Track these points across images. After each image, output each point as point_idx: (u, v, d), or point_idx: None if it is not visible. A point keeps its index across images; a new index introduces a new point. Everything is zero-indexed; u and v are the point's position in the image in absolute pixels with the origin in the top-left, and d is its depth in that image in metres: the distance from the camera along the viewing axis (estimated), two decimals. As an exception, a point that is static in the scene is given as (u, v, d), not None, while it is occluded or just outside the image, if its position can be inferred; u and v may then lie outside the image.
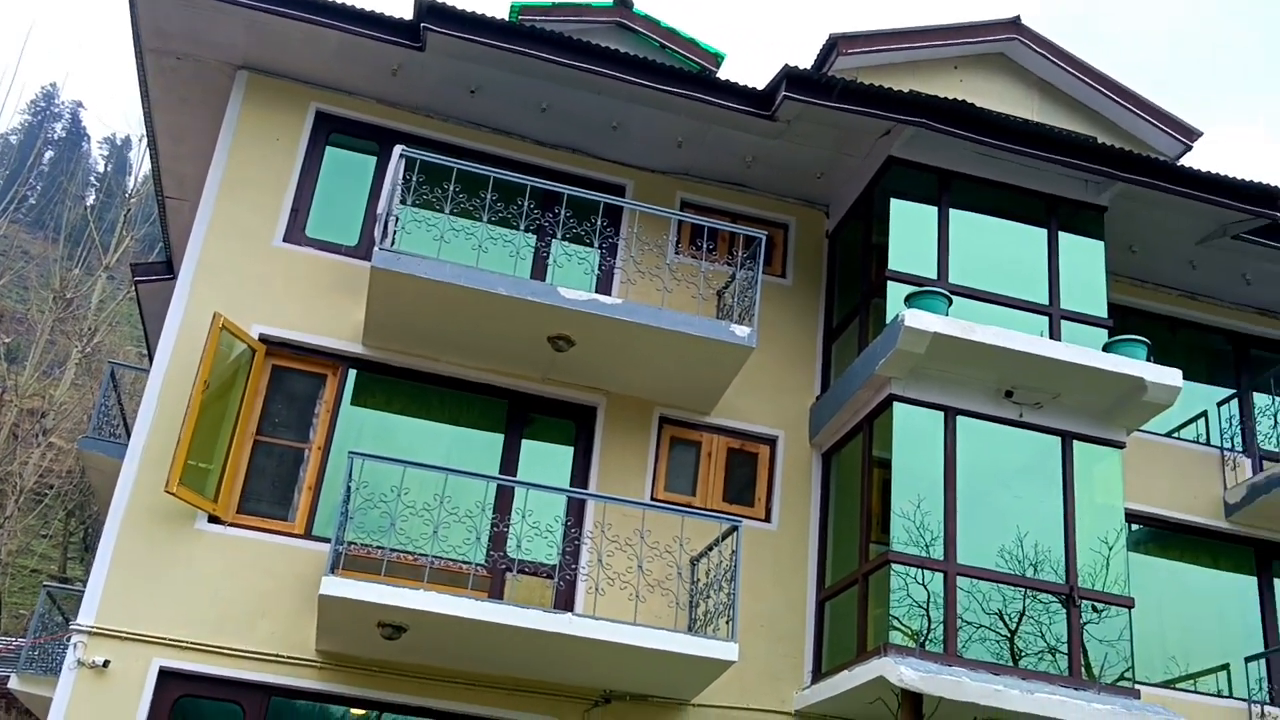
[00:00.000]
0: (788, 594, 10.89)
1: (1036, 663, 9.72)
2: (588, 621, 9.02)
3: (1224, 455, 12.56)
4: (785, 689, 10.53)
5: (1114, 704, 9.38)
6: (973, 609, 9.80)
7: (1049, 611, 9.96)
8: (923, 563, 9.80)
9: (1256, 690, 11.68)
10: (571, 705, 10.00)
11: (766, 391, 11.56)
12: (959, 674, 9.20)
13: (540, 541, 9.97)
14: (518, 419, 11.01)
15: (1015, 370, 10.29)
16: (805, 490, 11.36)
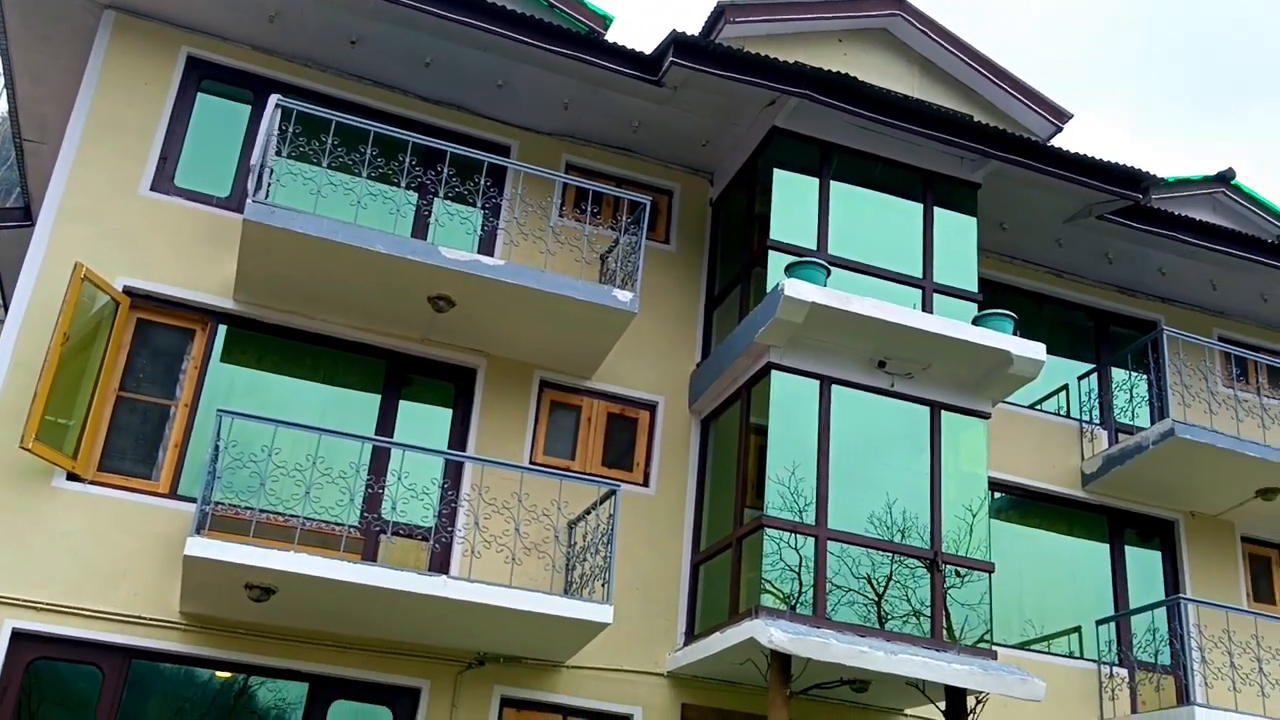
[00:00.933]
0: (663, 557, 11.00)
1: (901, 625, 10.01)
2: (463, 584, 8.96)
3: (1082, 427, 13.09)
4: (658, 650, 10.65)
5: (972, 664, 9.73)
6: (842, 573, 10.03)
7: (914, 576, 10.25)
8: (795, 527, 9.98)
9: (1106, 652, 12.25)
10: (445, 667, 9.95)
11: (648, 357, 11.61)
12: (826, 636, 9.42)
13: (416, 504, 9.86)
14: (395, 380, 10.84)
15: (889, 341, 10.52)
16: (683, 456, 11.46)
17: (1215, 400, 12.96)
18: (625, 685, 10.42)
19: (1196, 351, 13.18)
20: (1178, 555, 12.93)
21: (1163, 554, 13.04)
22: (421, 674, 9.89)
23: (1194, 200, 14.72)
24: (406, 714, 9.85)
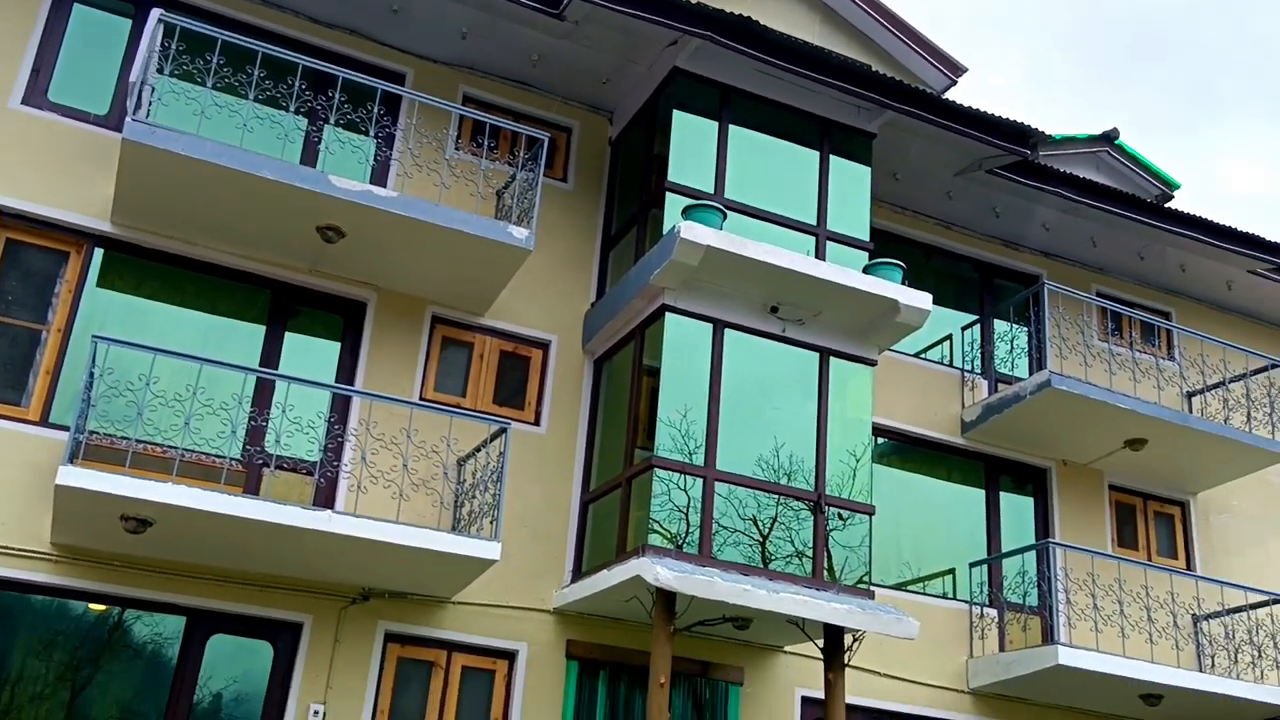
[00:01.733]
0: (553, 496, 11.02)
1: (784, 565, 10.22)
2: (348, 519, 8.85)
3: (964, 376, 13.45)
4: (545, 588, 10.70)
5: (850, 604, 10.00)
6: (729, 514, 10.18)
7: (798, 518, 10.45)
8: (684, 468, 10.08)
9: (978, 593, 12.71)
10: (328, 603, 9.85)
11: (542, 296, 11.53)
12: (711, 574, 9.57)
13: (301, 438, 9.68)
14: (281, 310, 10.57)
15: (782, 286, 10.63)
16: (576, 395, 11.46)
17: (1091, 353, 13.42)
18: (511, 621, 10.46)
19: (1075, 306, 13.61)
20: (1049, 501, 13.43)
21: (1035, 500, 13.54)
22: (304, 609, 9.77)
23: (1079, 158, 15.15)
24: (288, 649, 9.74)
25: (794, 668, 11.35)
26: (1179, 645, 12.58)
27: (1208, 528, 14.09)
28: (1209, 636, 13.01)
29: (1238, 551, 14.05)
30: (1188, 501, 14.13)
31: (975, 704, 12.14)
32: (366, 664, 9.86)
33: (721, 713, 10.93)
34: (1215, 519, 14.17)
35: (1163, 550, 13.87)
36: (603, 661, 10.67)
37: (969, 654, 12.28)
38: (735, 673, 11.12)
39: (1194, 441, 12.98)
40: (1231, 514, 14.26)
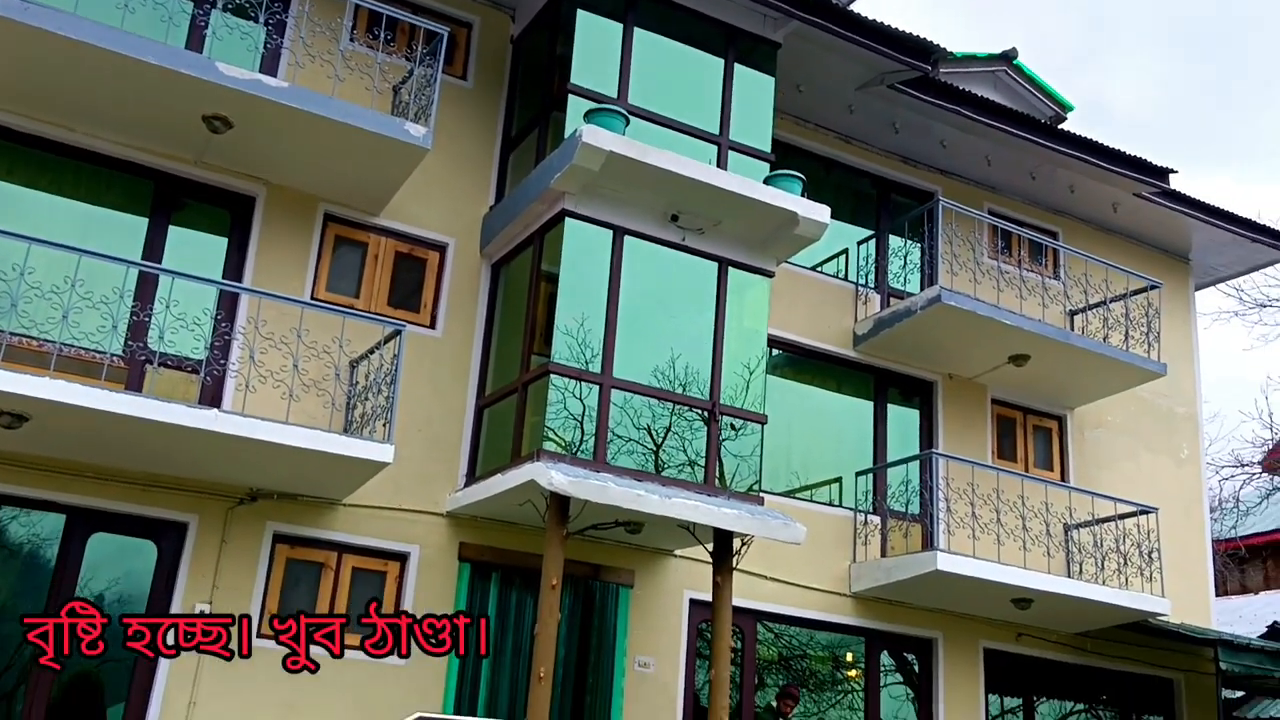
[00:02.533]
0: (447, 400, 10.95)
1: (677, 473, 10.34)
2: (235, 418, 8.68)
3: (858, 290, 13.66)
4: (438, 491, 10.69)
5: (740, 509, 10.20)
6: (624, 423, 10.23)
7: (691, 428, 10.56)
8: (581, 375, 10.08)
9: (863, 501, 13.08)
10: (215, 502, 9.70)
11: (439, 197, 11.31)
12: (605, 479, 9.66)
13: (186, 334, 9.40)
14: (165, 203, 10.19)
15: (683, 195, 10.58)
16: (472, 299, 11.33)
17: (980, 271, 13.71)
18: (403, 524, 10.44)
19: (967, 223, 13.86)
20: (934, 414, 13.82)
21: (920, 412, 13.91)
22: (189, 508, 9.61)
23: (978, 77, 15.30)
24: (172, 549, 9.59)
25: (683, 571, 11.58)
26: (1050, 553, 13.16)
27: (1083, 441, 14.68)
28: (1078, 544, 13.62)
29: (1109, 464, 14.67)
30: (1065, 416, 14.68)
31: (856, 607, 12.56)
32: (254, 565, 9.76)
33: (612, 614, 11.13)
34: (1090, 433, 14.75)
35: (1039, 462, 14.42)
36: (495, 564, 10.74)
37: (852, 559, 12.67)
38: (626, 575, 11.30)
39: (1074, 358, 13.44)
40: (1105, 429, 14.86)
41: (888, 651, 12.98)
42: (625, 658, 11.07)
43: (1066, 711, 14.23)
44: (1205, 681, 14.14)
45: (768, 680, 12.22)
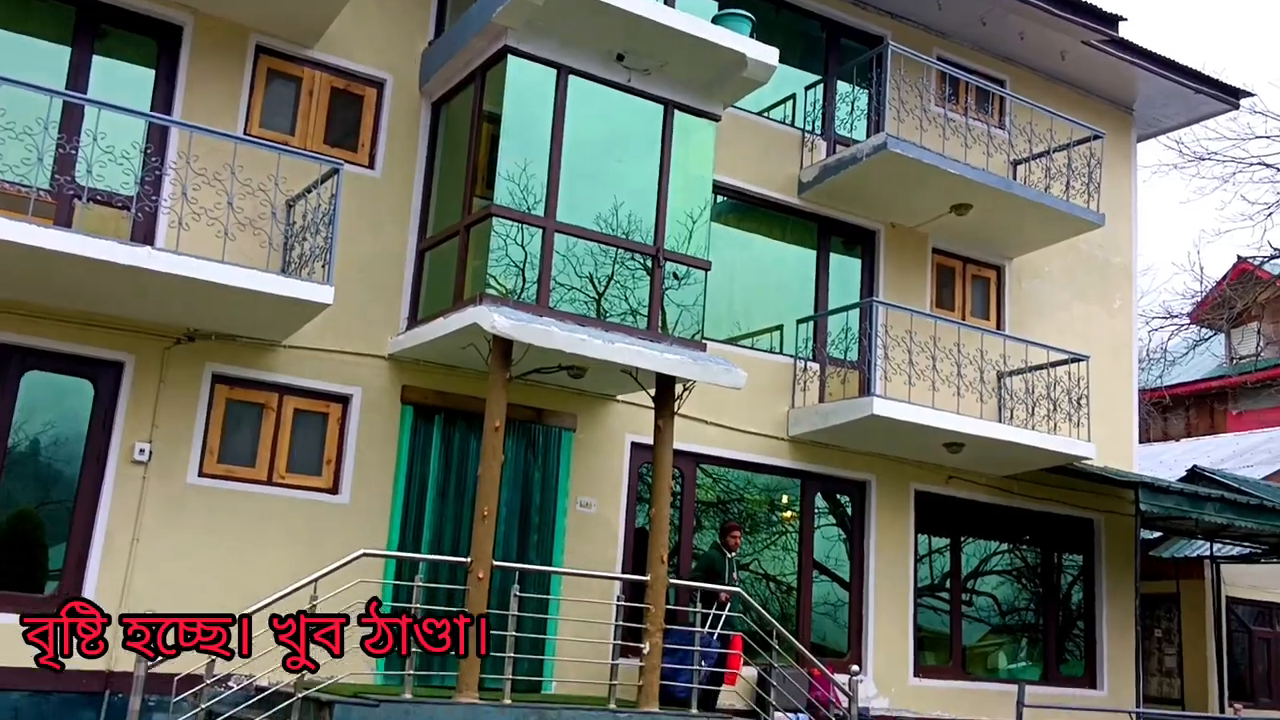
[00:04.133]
0: (388, 242, 10.78)
1: (621, 320, 10.35)
2: (170, 256, 8.49)
3: (804, 136, 13.53)
4: (380, 334, 10.62)
5: (682, 354, 10.27)
6: (567, 271, 10.16)
7: (635, 277, 10.52)
8: (524, 218, 9.94)
9: (803, 348, 13.24)
10: (153, 342, 9.57)
11: (377, 30, 10.91)
12: (548, 323, 9.64)
13: (115, 169, 9.08)
14: (88, 30, 9.71)
15: (629, 33, 10.28)
16: (412, 139, 11.06)
17: (927, 118, 13.61)
18: (345, 366, 10.40)
19: (915, 69, 13.69)
20: (875, 262, 13.90)
21: (862, 261, 13.98)
22: (125, 348, 9.47)
23: (932, -82, 14.86)
24: (109, 388, 9.48)
25: (625, 415, 11.72)
26: (983, 398, 13.48)
27: (1019, 291, 14.89)
28: (1011, 391, 13.96)
29: (1044, 314, 14.94)
30: (1004, 266, 14.85)
31: (794, 450, 12.84)
32: (193, 405, 9.71)
33: (554, 456, 11.27)
34: (1027, 283, 14.96)
35: (977, 311, 14.63)
36: (438, 407, 10.77)
37: (791, 405, 12.88)
38: (568, 419, 11.41)
39: (1015, 208, 13.52)
40: (1042, 279, 15.08)
41: (822, 494, 13.34)
42: (568, 498, 11.27)
43: (991, 551, 14.82)
44: (1124, 522, 14.75)
45: (706, 523, 12.53)
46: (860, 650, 12.89)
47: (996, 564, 14.90)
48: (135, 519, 9.34)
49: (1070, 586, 15.18)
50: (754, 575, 12.82)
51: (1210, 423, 27.59)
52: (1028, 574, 15.07)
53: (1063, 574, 15.16)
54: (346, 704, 8.15)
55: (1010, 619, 14.83)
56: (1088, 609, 15.01)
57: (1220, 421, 27.33)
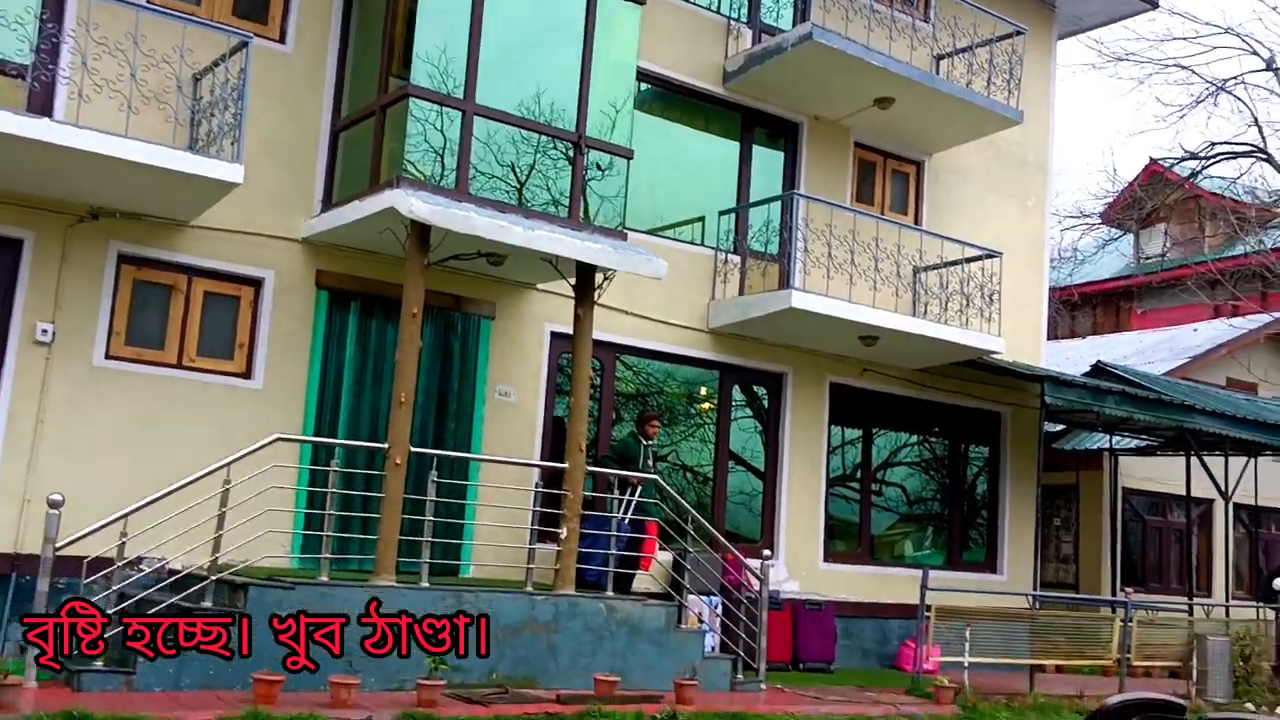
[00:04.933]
0: (301, 120, 10.45)
1: (542, 209, 10.20)
2: (69, 129, 8.14)
3: (730, 24, 13.32)
4: (293, 216, 10.35)
5: (604, 243, 10.20)
6: (488, 158, 9.96)
7: (556, 167, 10.36)
8: (442, 100, 9.68)
9: (724, 240, 13.23)
10: (54, 219, 9.22)
11: (286, -104, 10.40)
12: (467, 209, 9.48)
13: (9, 34, 8.59)
14: (-27, -115, 9.09)
15: (552, -92, 9.96)
16: (325, 12, 10.66)
17: (853, 8, 13.47)
18: (257, 248, 10.14)
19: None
20: (797, 155, 13.87)
21: (785, 154, 13.94)
22: (24, 224, 9.12)
23: None
24: (8, 266, 9.13)
25: (545, 304, 11.66)
26: (899, 293, 13.65)
27: (938, 187, 15.01)
28: (925, 286, 14.16)
29: (961, 210, 15.10)
30: (924, 161, 14.92)
31: (714, 342, 12.92)
32: (98, 285, 9.42)
33: (472, 344, 11.20)
34: (945, 179, 15.08)
35: (896, 206, 14.74)
36: (354, 292, 10.60)
37: (711, 297, 12.93)
38: (487, 307, 11.32)
39: (937, 103, 13.54)
40: (960, 175, 15.20)
41: (740, 385, 13.49)
42: (486, 386, 11.24)
43: (902, 443, 15.19)
44: (1030, 415, 15.20)
45: (626, 415, 12.61)
46: (773, 537, 13.21)
47: (906, 455, 15.30)
48: (39, 400, 9.11)
49: (976, 477, 15.66)
50: (672, 466, 12.99)
51: (1116, 321, 28.41)
52: (936, 465, 15.51)
53: (969, 465, 15.63)
54: (261, 587, 8.14)
55: (917, 508, 15.29)
56: (991, 499, 15.52)
57: (1125, 320, 28.15)
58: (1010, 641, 12.12)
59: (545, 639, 9.29)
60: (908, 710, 10.25)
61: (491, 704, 8.14)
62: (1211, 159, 22.42)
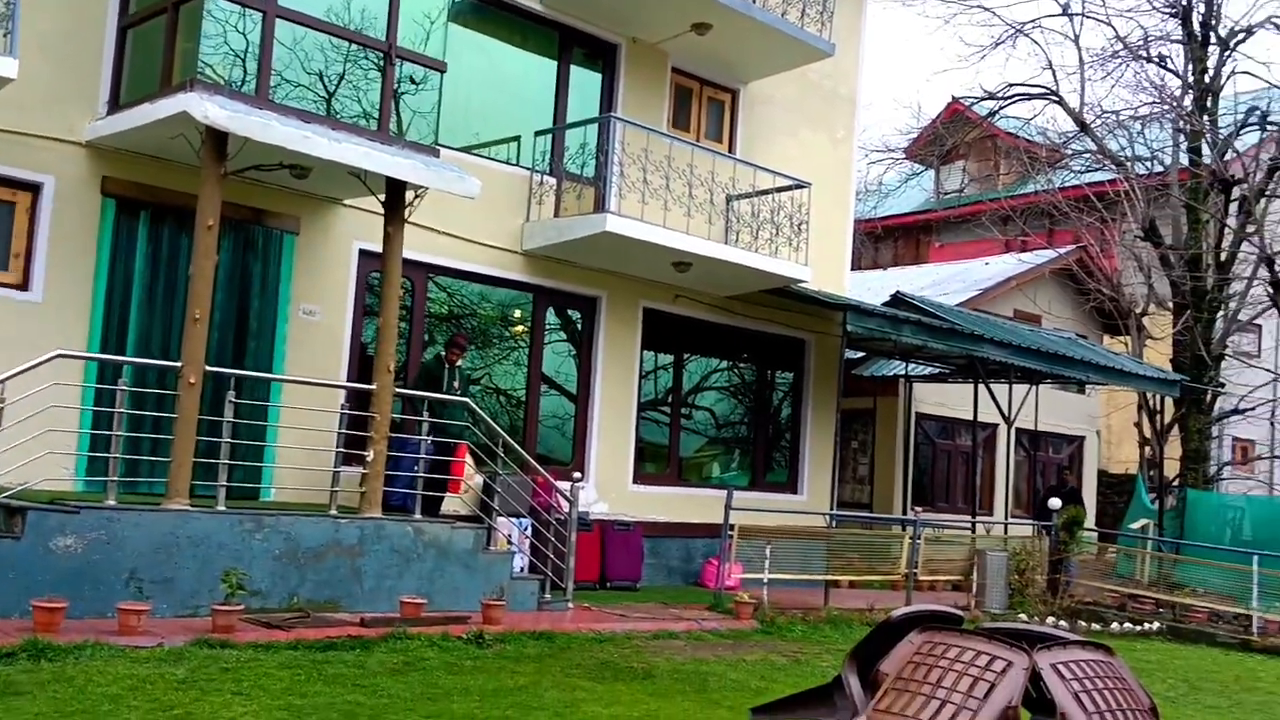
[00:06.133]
0: (83, 12, 9.71)
1: (352, 122, 9.80)
2: None
3: (549, -62, 13.03)
4: (76, 118, 9.65)
5: (415, 159, 9.92)
6: (294, 67, 9.50)
7: (367, 78, 9.98)
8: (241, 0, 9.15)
9: (540, 161, 13.06)
10: None
11: None
12: (268, 117, 9.04)
13: None
14: None
15: None
16: (110, -102, 9.86)
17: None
18: (33, 151, 9.43)
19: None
20: (615, 78, 13.77)
21: (603, 76, 13.82)
22: None
23: None
24: None
25: (353, 220, 11.29)
26: (711, 220, 13.81)
27: (751, 116, 15.19)
28: (738, 214, 14.36)
29: (773, 140, 15.33)
30: (739, 90, 15.05)
31: (527, 264, 12.81)
32: None
33: (275, 260, 10.75)
34: (759, 108, 15.26)
35: (710, 134, 14.85)
36: (144, 202, 10.00)
37: (526, 218, 12.78)
38: (291, 221, 10.88)
39: (753, 30, 13.63)
40: (772, 105, 15.41)
41: (554, 309, 13.45)
42: (289, 305, 10.84)
43: (711, 369, 15.49)
44: (832, 342, 15.72)
45: (438, 337, 12.40)
46: (584, 459, 13.32)
47: (716, 380, 15.63)
48: None
49: (781, 402, 16.15)
50: (485, 389, 12.89)
51: (916, 253, 29.63)
52: (743, 390, 15.90)
53: (774, 390, 16.09)
54: (42, 511, 7.69)
55: (725, 432, 15.67)
56: (794, 423, 16.05)
57: (925, 252, 29.39)
58: (808, 559, 12.65)
59: (350, 562, 9.14)
60: (709, 625, 10.59)
61: (292, 628, 7.98)
62: (1009, 100, 23.41)
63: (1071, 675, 4.07)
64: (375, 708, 6.22)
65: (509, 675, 7.44)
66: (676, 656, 8.87)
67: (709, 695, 7.46)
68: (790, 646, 10.07)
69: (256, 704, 6.06)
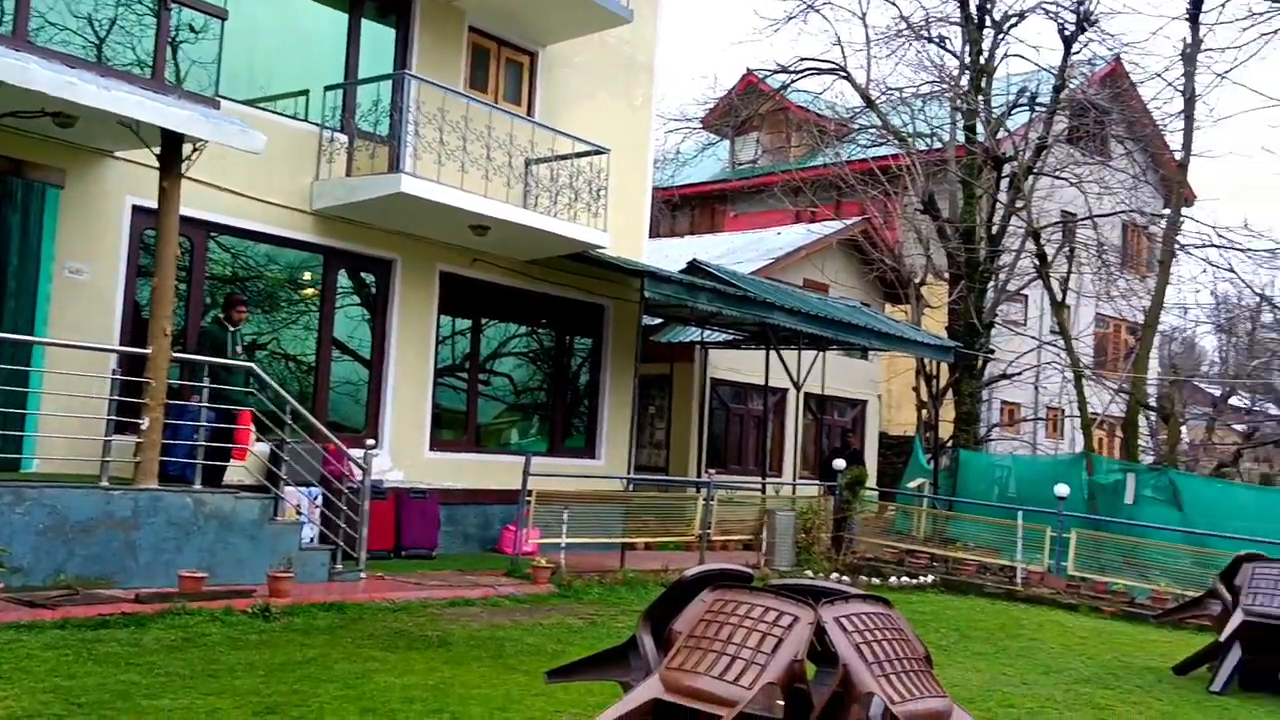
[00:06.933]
0: None
1: (124, 69, 9.19)
2: None
3: (340, -115, 12.52)
4: None
5: (193, 110, 9.39)
6: (59, 8, 8.91)
7: (142, 23, 9.37)
8: (-6, -73, 8.42)
9: (330, 118, 12.58)
10: None
11: None
12: (27, 60, 8.38)
13: None
14: None
15: None
16: None
17: (471, -115, 13.08)
18: None
19: None
20: (410, 34, 13.38)
21: (397, 32, 13.41)
22: None
23: None
24: None
25: (125, 174, 10.61)
26: (510, 184, 13.66)
27: (550, 79, 15.07)
28: (537, 179, 14.25)
29: (571, 104, 15.26)
30: (537, 52, 14.90)
31: (316, 225, 12.35)
32: None
33: (36, 215, 9.99)
34: (557, 72, 15.15)
35: (509, 96, 14.65)
36: (-117, 148, 9.12)
37: (315, 177, 12.31)
38: (55, 174, 10.12)
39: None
40: (571, 69, 15.33)
41: (346, 271, 13.02)
42: (53, 263, 10.11)
43: (510, 334, 15.36)
44: (630, 308, 15.85)
45: (220, 300, 11.80)
46: (378, 426, 13.01)
47: (514, 346, 15.52)
48: None
49: (579, 368, 16.19)
50: (272, 354, 12.38)
51: (711, 222, 30.20)
52: (542, 356, 15.85)
53: (573, 356, 16.12)
54: None
55: (524, 398, 15.60)
56: (592, 388, 16.13)
57: (720, 221, 29.98)
58: (605, 522, 12.78)
59: (123, 536, 8.65)
60: (505, 591, 10.55)
61: (59, 606, 7.50)
62: (800, 74, 24.05)
63: (853, 628, 4.22)
64: (151, 686, 5.91)
65: (297, 648, 7.21)
66: (473, 623, 8.80)
67: (505, 660, 7.43)
68: (587, 609, 10.15)
69: (18, 687, 5.67)
